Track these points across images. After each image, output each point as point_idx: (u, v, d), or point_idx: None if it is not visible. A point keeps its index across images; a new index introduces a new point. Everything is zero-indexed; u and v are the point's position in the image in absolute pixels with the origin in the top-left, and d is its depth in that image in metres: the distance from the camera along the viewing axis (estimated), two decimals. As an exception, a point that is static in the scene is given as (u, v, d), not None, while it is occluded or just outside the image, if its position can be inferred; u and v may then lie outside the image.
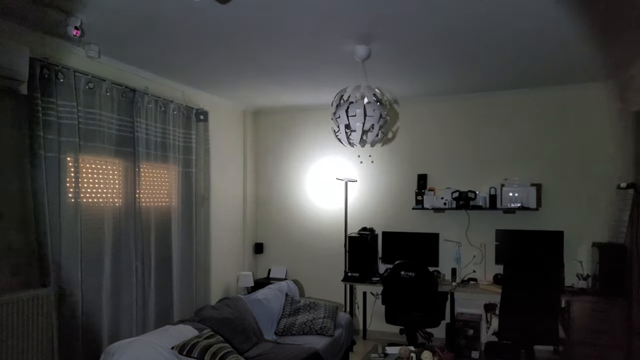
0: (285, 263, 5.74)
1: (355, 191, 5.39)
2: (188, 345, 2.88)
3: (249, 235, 5.77)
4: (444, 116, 5.04)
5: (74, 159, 3.38)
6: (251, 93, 4.96)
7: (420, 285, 4.24)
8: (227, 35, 3.25)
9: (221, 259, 5.27)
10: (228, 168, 5.44)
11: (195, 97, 4.84)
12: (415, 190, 5.04)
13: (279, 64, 3.92)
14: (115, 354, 2.63)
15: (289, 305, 4.28)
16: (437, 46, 3.45)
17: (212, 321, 3.42)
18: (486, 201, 4.70)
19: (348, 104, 3.39)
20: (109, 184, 3.75)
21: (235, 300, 3.93)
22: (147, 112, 4.05)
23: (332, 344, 3.89)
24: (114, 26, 3.10)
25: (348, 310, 5.17)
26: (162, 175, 4.33)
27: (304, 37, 3.29)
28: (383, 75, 4.22)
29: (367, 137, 3.47)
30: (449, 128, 5.02)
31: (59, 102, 3.26)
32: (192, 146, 4.66)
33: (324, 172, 5.55)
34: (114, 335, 3.67)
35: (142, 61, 3.85)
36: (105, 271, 3.65)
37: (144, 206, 4.04)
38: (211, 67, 4.02)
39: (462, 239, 4.88)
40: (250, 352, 3.52)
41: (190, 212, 4.62)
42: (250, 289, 5.30)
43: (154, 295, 4.13)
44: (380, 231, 5.20)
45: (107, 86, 3.66)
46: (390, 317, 4.40)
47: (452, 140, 5.00)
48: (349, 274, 5.05)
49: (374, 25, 3.05)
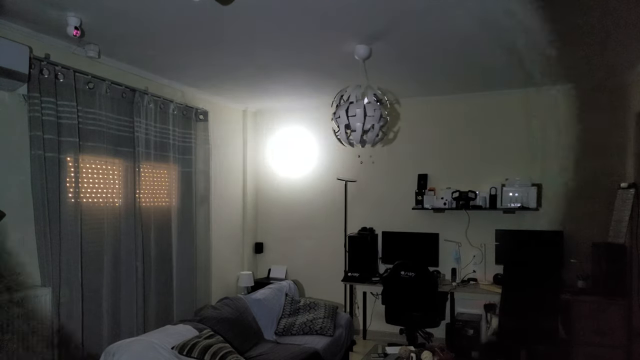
0: (285, 263, 5.74)
1: (355, 191, 5.39)
2: (188, 345, 2.88)
3: (249, 235, 5.77)
4: (444, 116, 5.03)
5: (74, 159, 3.38)
6: (251, 93, 4.96)
7: (420, 285, 4.24)
8: (227, 35, 3.25)
9: (221, 259, 5.27)
10: (228, 168, 5.44)
11: (195, 97, 4.84)
12: (415, 190, 5.04)
13: (279, 64, 3.92)
14: (115, 354, 2.63)
15: (289, 305, 4.28)
16: (438, 46, 3.45)
17: (212, 321, 3.42)
18: (486, 201, 4.70)
19: (348, 104, 3.39)
20: (109, 184, 3.75)
21: (235, 300, 3.93)
22: (147, 112, 4.05)
23: (332, 344, 3.89)
24: (114, 26, 3.10)
25: (348, 310, 5.17)
26: (162, 175, 4.33)
27: (304, 37, 3.28)
28: (383, 75, 4.22)
29: (367, 137, 3.47)
30: (449, 128, 5.01)
31: (59, 102, 3.26)
32: (192, 146, 4.66)
33: (324, 172, 5.55)
34: (114, 335, 3.68)
35: (142, 61, 3.85)
36: (105, 271, 3.65)
37: (144, 206, 4.04)
38: (211, 67, 4.02)
39: (462, 239, 4.88)
40: (250, 352, 3.52)
41: (190, 212, 4.62)
42: (250, 289, 5.31)
43: (154, 295, 4.13)
44: (380, 231, 5.20)
45: (107, 86, 3.66)
46: (390, 317, 4.40)
47: (453, 140, 5.00)
48: (349, 274, 5.05)
49: (374, 25, 3.05)
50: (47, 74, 3.16)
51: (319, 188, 5.59)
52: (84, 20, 2.96)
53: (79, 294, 3.38)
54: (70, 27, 2.90)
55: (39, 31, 3.15)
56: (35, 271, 3.18)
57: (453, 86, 4.64)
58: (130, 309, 3.84)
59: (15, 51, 2.84)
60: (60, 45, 3.34)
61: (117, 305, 3.75)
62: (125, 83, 3.85)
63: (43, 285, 3.17)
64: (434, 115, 5.08)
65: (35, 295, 3.04)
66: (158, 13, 2.87)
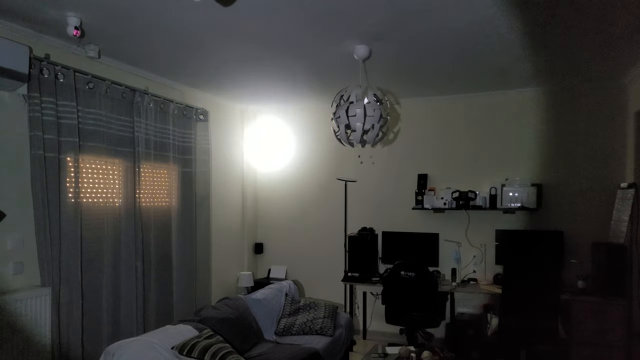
0: (285, 263, 5.74)
1: (355, 191, 5.39)
2: (188, 345, 2.88)
3: (249, 235, 5.77)
4: (444, 116, 5.03)
5: (74, 159, 3.38)
6: (251, 93, 4.96)
7: (420, 285, 4.24)
8: (227, 35, 3.25)
9: (221, 259, 5.27)
10: (228, 168, 5.44)
11: (195, 97, 4.84)
12: (415, 190, 5.04)
13: (279, 64, 3.92)
14: (115, 354, 2.63)
15: (289, 305, 4.28)
16: (438, 46, 3.45)
17: (212, 321, 3.42)
18: (486, 201, 4.70)
19: (348, 104, 3.39)
20: (109, 184, 3.75)
21: (235, 300, 3.93)
22: (146, 112, 4.05)
23: (332, 344, 3.88)
24: (114, 26, 3.10)
25: (348, 310, 5.17)
26: (162, 175, 4.33)
27: (304, 37, 3.28)
28: (383, 75, 4.22)
29: (367, 137, 3.47)
30: (449, 128, 5.01)
31: (59, 102, 3.26)
32: (192, 146, 4.66)
33: (324, 172, 5.55)
34: (114, 335, 3.68)
35: (142, 61, 3.85)
36: (105, 271, 3.65)
37: (144, 206, 4.04)
38: (211, 67, 4.02)
39: (462, 239, 4.88)
40: (250, 352, 3.52)
41: (190, 212, 4.62)
42: (250, 289, 5.31)
43: (154, 295, 4.13)
44: (380, 231, 5.20)
45: (107, 86, 3.65)
46: (390, 317, 4.40)
47: (453, 140, 5.00)
48: (349, 274, 5.05)
49: (374, 25, 3.05)
50: (47, 74, 3.16)
51: (319, 188, 5.59)
52: (84, 20, 2.96)
53: (79, 294, 3.38)
54: (70, 27, 2.90)
55: (39, 31, 3.15)
56: (35, 271, 3.18)
57: (453, 86, 4.63)
58: (130, 309, 3.84)
59: (15, 51, 2.84)
60: (60, 45, 3.34)
61: (117, 305, 3.75)
62: (125, 83, 3.85)
63: (43, 285, 3.17)
64: (434, 115, 5.08)
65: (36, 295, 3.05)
66: (158, 13, 2.87)
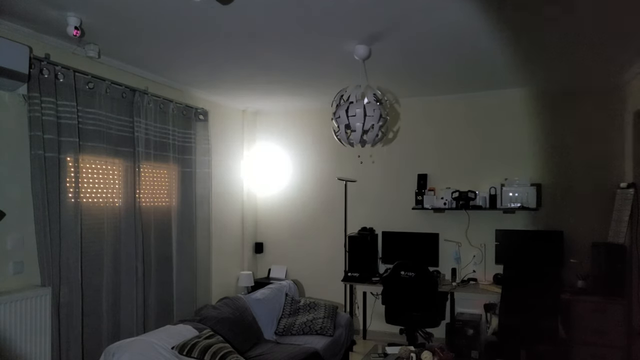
0: (285, 263, 5.74)
1: (355, 191, 5.39)
2: (188, 345, 2.88)
3: (249, 235, 5.77)
4: (444, 116, 5.03)
5: (74, 159, 3.38)
6: (251, 93, 4.96)
7: (420, 285, 4.24)
8: (227, 35, 3.25)
9: (221, 259, 5.27)
10: (228, 168, 5.44)
11: (195, 97, 4.84)
12: (415, 190, 5.04)
13: (279, 64, 3.92)
14: (115, 354, 2.63)
15: (289, 305, 4.28)
16: (438, 45, 3.45)
17: (212, 321, 3.42)
18: (486, 201, 4.70)
19: (348, 104, 3.39)
20: (109, 184, 3.75)
21: (235, 300, 3.93)
22: (146, 112, 4.05)
23: (332, 344, 3.89)
24: (114, 26, 3.10)
25: (348, 310, 5.17)
26: (162, 175, 4.33)
27: (304, 37, 3.28)
28: (383, 75, 4.22)
29: (367, 137, 3.47)
30: (449, 128, 5.01)
31: (59, 102, 3.26)
32: (192, 146, 4.66)
33: (324, 172, 5.55)
34: (114, 335, 3.68)
35: (142, 61, 3.85)
36: (105, 271, 3.65)
37: (144, 206, 4.04)
38: (211, 67, 4.02)
39: (462, 239, 4.88)
40: (250, 352, 3.52)
41: (190, 212, 4.62)
42: (250, 289, 5.31)
43: (154, 295, 4.13)
44: (380, 231, 5.20)
45: (107, 86, 3.66)
46: (390, 317, 4.40)
47: (453, 140, 5.00)
48: (349, 274, 5.05)
49: (374, 25, 3.05)
50: (47, 74, 3.16)
51: (319, 188, 5.59)
52: (84, 20, 2.96)
53: (79, 294, 3.38)
54: (70, 27, 2.90)
55: (39, 31, 3.15)
56: (35, 271, 3.18)
57: (453, 86, 4.63)
58: (130, 309, 3.84)
59: (15, 51, 2.84)
60: (60, 45, 3.34)
61: (117, 305, 3.75)
62: (125, 83, 3.85)
63: (43, 285, 3.17)
64: (434, 115, 5.08)
65: (36, 295, 3.04)
66: (158, 13, 2.87)
